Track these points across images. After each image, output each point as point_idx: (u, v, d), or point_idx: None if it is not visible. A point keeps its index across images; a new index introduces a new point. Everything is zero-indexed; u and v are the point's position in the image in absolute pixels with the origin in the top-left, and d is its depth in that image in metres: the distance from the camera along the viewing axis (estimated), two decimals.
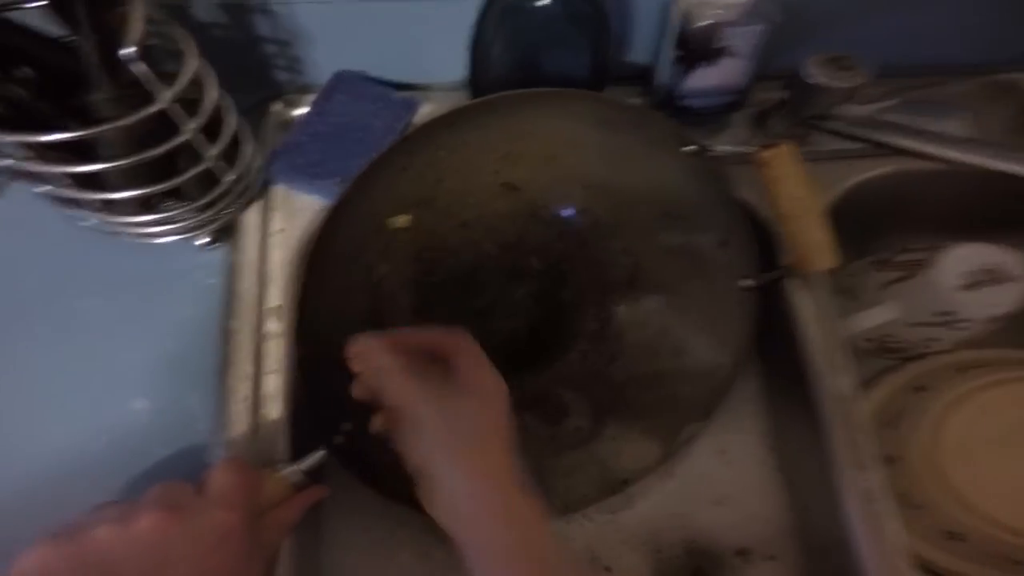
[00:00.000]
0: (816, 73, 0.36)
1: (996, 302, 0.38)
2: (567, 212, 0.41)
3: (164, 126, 0.31)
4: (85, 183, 0.32)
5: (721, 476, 0.44)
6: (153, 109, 0.29)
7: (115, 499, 0.32)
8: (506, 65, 0.40)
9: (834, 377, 0.38)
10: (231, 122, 0.35)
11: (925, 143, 0.36)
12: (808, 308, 0.40)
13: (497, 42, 0.39)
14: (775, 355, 0.44)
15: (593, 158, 0.38)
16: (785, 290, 0.40)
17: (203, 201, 0.35)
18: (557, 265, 0.41)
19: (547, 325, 0.41)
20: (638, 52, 0.44)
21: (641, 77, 0.45)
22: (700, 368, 0.41)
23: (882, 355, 0.47)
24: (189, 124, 0.31)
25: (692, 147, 0.37)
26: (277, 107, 0.45)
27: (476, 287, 0.40)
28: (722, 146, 0.37)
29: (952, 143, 0.35)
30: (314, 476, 0.32)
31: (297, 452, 0.33)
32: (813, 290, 0.40)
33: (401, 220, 0.37)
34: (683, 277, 0.41)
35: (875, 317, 0.42)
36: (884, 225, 0.47)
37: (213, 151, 0.33)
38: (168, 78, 0.30)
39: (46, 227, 0.39)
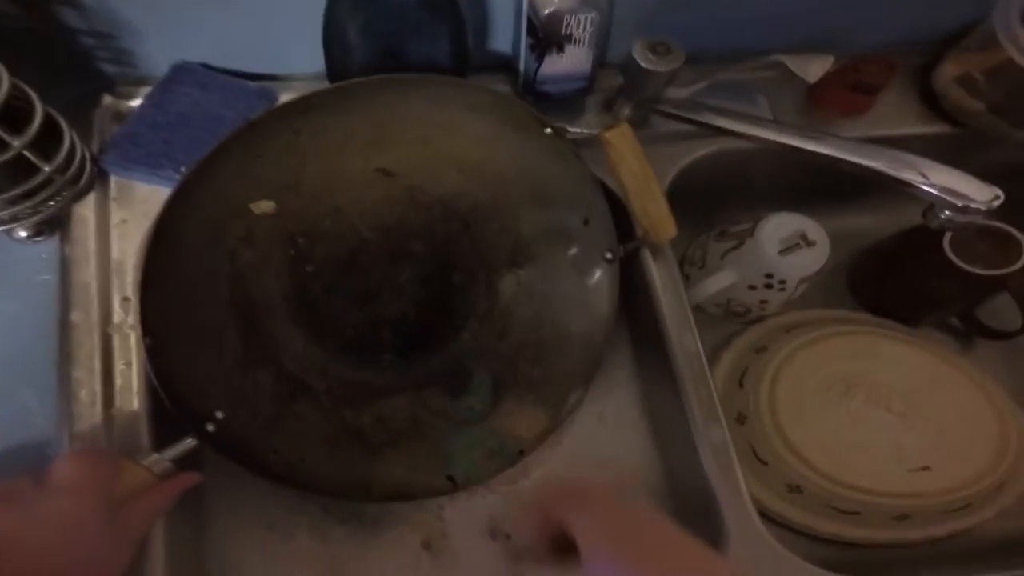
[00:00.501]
0: (641, 57, 0.40)
1: (805, 263, 0.44)
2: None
3: None
4: None
5: (602, 440, 0.47)
6: None
7: None
8: (366, 54, 0.40)
9: (681, 337, 0.41)
10: (39, 111, 0.33)
11: (735, 123, 0.40)
12: (659, 276, 0.43)
13: (352, 30, 0.39)
14: (639, 323, 0.48)
15: (465, 142, 0.39)
16: (640, 261, 0.44)
17: (15, 192, 0.33)
18: (442, 247, 0.42)
19: (437, 307, 0.42)
20: (501, 41, 0.46)
21: (507, 65, 0.47)
22: (577, 338, 0.43)
23: (730, 319, 0.52)
24: None
25: (550, 129, 0.39)
26: (107, 100, 0.42)
27: (358, 272, 0.40)
28: (574, 128, 0.39)
29: (756, 122, 0.40)
30: (191, 463, 0.32)
31: (163, 443, 0.32)
32: (662, 260, 0.44)
33: (263, 205, 0.36)
34: (555, 253, 0.43)
35: (717, 283, 0.47)
36: (722, 200, 0.52)
37: (19, 140, 0.31)
38: None
39: None
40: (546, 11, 0.39)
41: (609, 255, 0.42)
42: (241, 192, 0.35)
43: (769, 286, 0.46)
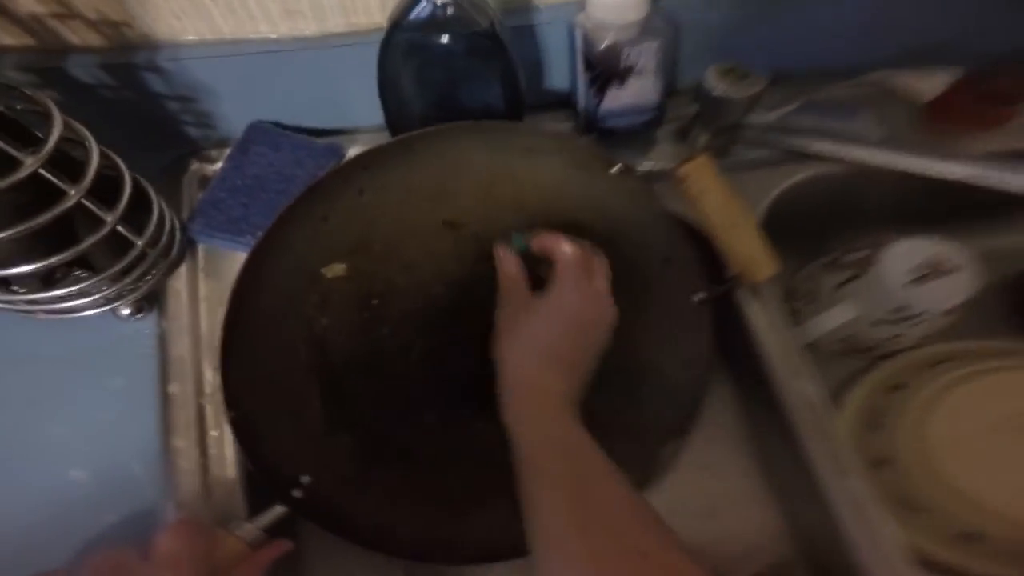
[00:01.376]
0: (715, 85, 0.37)
1: (946, 294, 0.39)
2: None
3: (44, 196, 0.30)
4: None
5: (709, 490, 0.45)
6: (18, 176, 0.28)
7: (59, 567, 0.32)
8: (421, 104, 0.41)
9: (797, 384, 0.37)
10: (128, 182, 0.34)
11: (831, 145, 0.37)
12: (760, 317, 0.39)
13: (405, 83, 0.40)
14: (740, 366, 0.44)
15: (527, 188, 0.38)
16: (736, 302, 0.40)
17: (115, 269, 0.35)
18: None
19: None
20: (558, 77, 0.45)
21: (566, 101, 0.46)
22: (669, 386, 0.41)
23: (853, 355, 0.47)
24: (72, 189, 0.30)
25: (617, 167, 0.37)
26: (194, 164, 0.45)
27: (432, 328, 0.39)
28: (644, 163, 0.37)
29: (866, 145, 0.36)
30: (284, 529, 0.32)
31: (258, 508, 0.33)
32: (762, 299, 0.40)
33: (336, 269, 0.37)
34: (635, 297, 0.41)
35: (833, 319, 0.42)
36: (826, 226, 0.47)
37: (111, 215, 0.33)
38: (37, 143, 0.29)
39: None
40: (602, 45, 0.37)
41: (698, 297, 0.39)
42: (312, 257, 0.36)
43: (902, 320, 0.41)
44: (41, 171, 0.29)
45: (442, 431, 0.39)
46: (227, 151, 0.43)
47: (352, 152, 0.44)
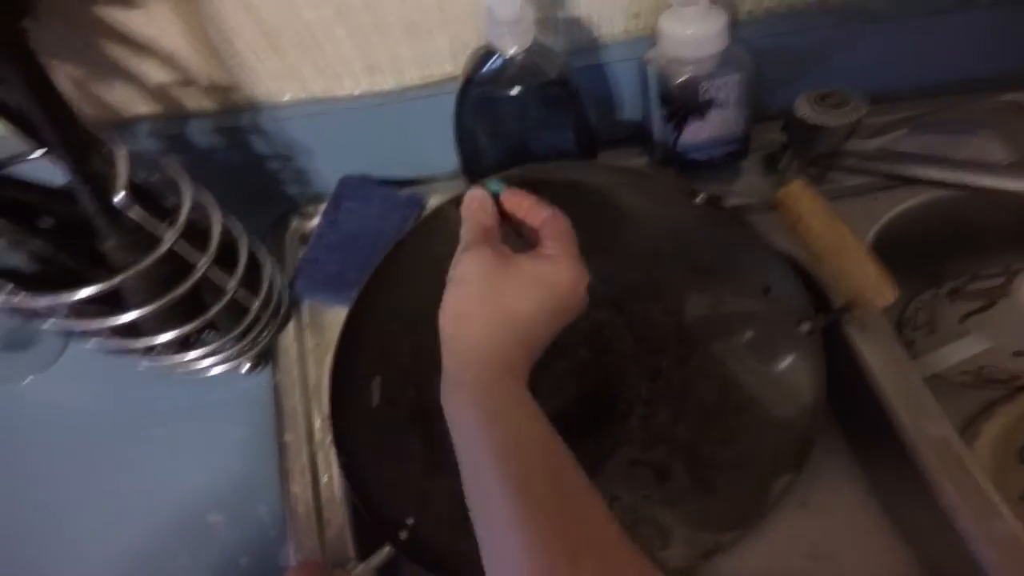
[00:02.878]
0: (808, 113, 0.36)
1: None
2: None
3: (179, 266, 0.32)
4: (124, 332, 0.35)
5: (811, 528, 0.43)
6: (160, 251, 0.30)
7: None
8: (495, 149, 0.42)
9: (923, 423, 0.35)
10: (244, 247, 0.37)
11: (949, 172, 0.34)
12: (873, 351, 0.38)
13: (479, 131, 0.41)
14: (847, 401, 0.42)
15: (608, 224, 0.39)
16: (844, 334, 0.39)
17: (237, 331, 0.39)
18: (596, 334, 0.41)
19: (596, 396, 0.42)
20: (631, 112, 0.45)
21: (639, 137, 0.46)
22: (776, 419, 0.40)
23: (984, 386, 0.44)
24: (201, 259, 0.33)
25: (701, 197, 0.37)
26: (295, 222, 0.49)
27: None
28: (731, 197, 0.36)
29: (976, 169, 0.33)
30: (388, 570, 0.35)
31: (367, 550, 0.36)
32: (875, 331, 0.38)
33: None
34: (732, 328, 0.40)
35: (963, 350, 0.40)
36: (940, 253, 0.44)
37: (232, 281, 0.35)
38: (172, 213, 0.31)
39: (109, 373, 0.45)
40: (678, 80, 0.37)
41: (806, 326, 0.38)
42: (404, 307, 0.38)
43: None
44: (176, 244, 0.31)
45: None
46: (322, 206, 0.47)
47: (432, 201, 0.47)
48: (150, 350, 0.38)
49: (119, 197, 0.28)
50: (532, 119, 0.40)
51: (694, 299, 0.40)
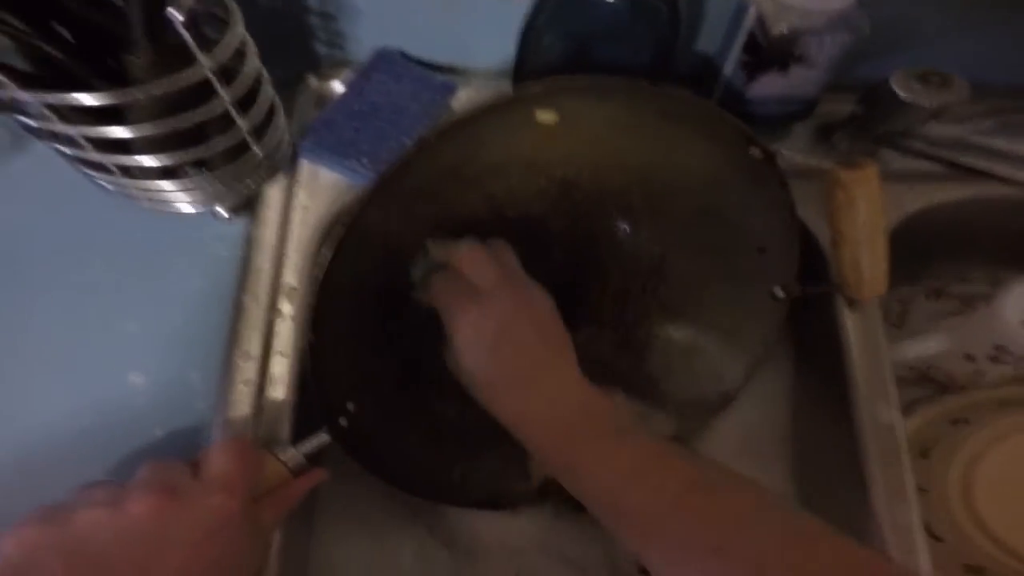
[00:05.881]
0: (903, 89, 0.35)
1: None
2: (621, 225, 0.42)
3: (195, 95, 0.31)
4: (108, 146, 0.33)
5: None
6: (195, 77, 0.29)
7: (104, 478, 0.33)
8: (559, 52, 0.40)
9: (877, 406, 0.38)
10: (267, 94, 0.35)
11: (1009, 168, 0.34)
12: (856, 333, 0.40)
13: (550, 31, 0.39)
14: (811, 380, 0.45)
15: (640, 144, 0.38)
16: (833, 311, 0.41)
17: (230, 173, 0.36)
18: (581, 245, 0.42)
19: (562, 304, 0.41)
20: (698, 51, 0.44)
21: (697, 76, 0.44)
22: (708, 370, 0.43)
23: (922, 384, 0.47)
24: (225, 94, 0.32)
25: (758, 151, 0.36)
26: (314, 82, 0.46)
27: None
28: (794, 155, 0.35)
29: None
30: (313, 463, 0.33)
31: (297, 436, 0.34)
32: (863, 315, 0.40)
33: (547, 116, 0.36)
34: (709, 275, 0.42)
35: (925, 348, 0.43)
36: (939, 253, 0.47)
37: (247, 123, 0.34)
38: (207, 44, 0.30)
39: (58, 185, 0.39)
40: (778, 30, 0.35)
41: (779, 291, 0.39)
42: (413, 183, 0.35)
43: (996, 359, 0.42)
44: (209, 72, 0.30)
45: None
46: (344, 72, 0.44)
47: (463, 93, 0.45)
48: (126, 170, 0.35)
49: (176, 13, 0.27)
50: (619, 30, 0.38)
51: (687, 237, 0.41)
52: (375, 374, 0.37)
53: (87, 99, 0.29)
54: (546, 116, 0.36)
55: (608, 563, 0.44)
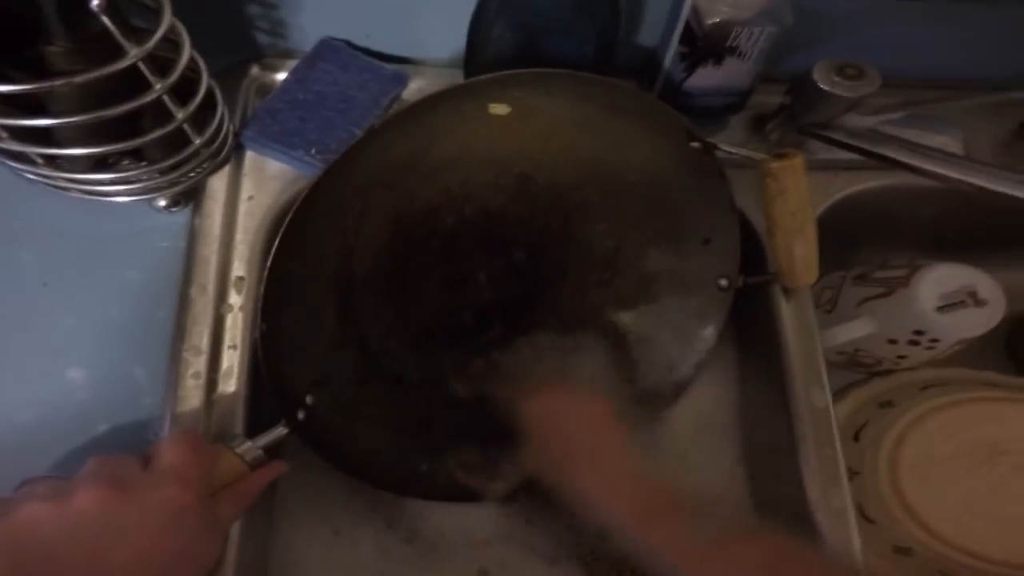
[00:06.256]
0: (824, 79, 0.38)
1: (968, 325, 0.42)
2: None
3: (125, 84, 0.30)
4: (30, 137, 0.32)
5: (686, 483, 0.46)
6: (121, 65, 0.28)
7: (47, 474, 0.32)
8: (508, 43, 0.41)
9: (810, 391, 0.40)
10: (204, 82, 0.34)
11: (928, 160, 0.37)
12: (790, 319, 0.42)
13: (499, 22, 0.40)
14: (754, 367, 0.47)
15: (592, 139, 0.39)
16: (770, 301, 0.43)
17: (167, 163, 0.35)
18: (537, 239, 0.42)
19: (520, 300, 0.43)
20: (640, 45, 0.45)
21: (639, 70, 0.46)
22: (664, 360, 0.44)
23: (851, 368, 0.50)
24: (158, 83, 0.31)
25: (699, 143, 0.38)
26: (255, 71, 0.45)
27: (453, 255, 0.41)
28: (730, 147, 0.37)
29: (957, 162, 0.37)
30: (272, 456, 0.33)
31: (254, 430, 0.33)
32: (796, 303, 0.42)
33: (500, 109, 0.37)
34: (659, 267, 0.43)
35: (851, 331, 0.45)
36: (865, 238, 0.50)
37: (182, 113, 0.33)
38: (136, 33, 0.29)
39: None
40: (711, 20, 0.37)
41: (724, 282, 0.42)
42: (366, 172, 0.36)
43: (915, 343, 0.44)
44: (139, 63, 0.29)
45: (436, 363, 0.42)
46: (290, 63, 0.44)
47: (415, 84, 0.45)
48: (51, 160, 0.34)
49: (96, 2, 0.26)
50: (563, 20, 0.39)
51: (638, 230, 0.43)
52: (333, 366, 0.37)
53: (2, 88, 0.27)
54: (498, 108, 0.37)
55: (580, 554, 0.44)
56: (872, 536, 0.42)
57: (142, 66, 0.30)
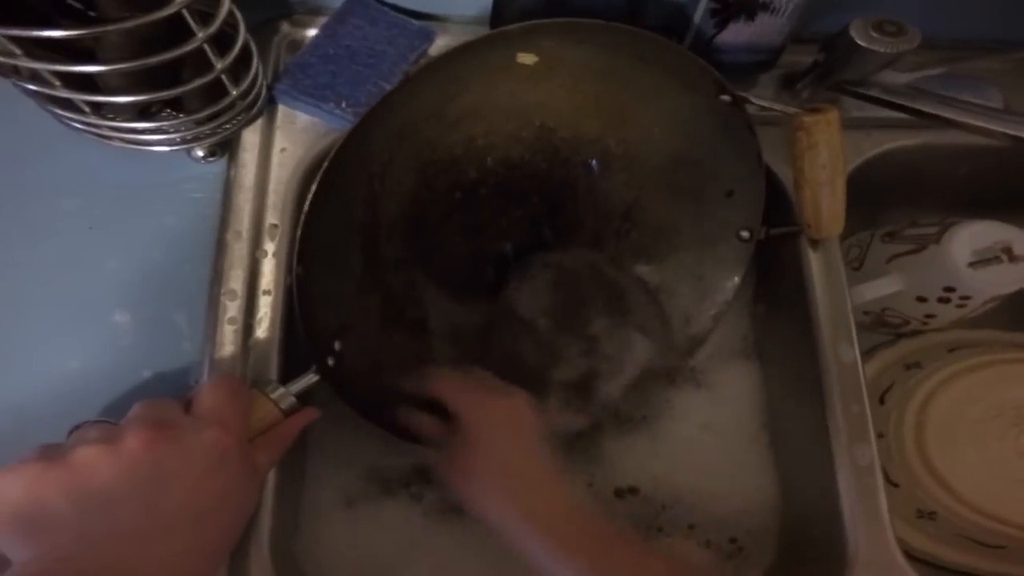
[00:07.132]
0: (861, 35, 0.37)
1: (1001, 281, 0.41)
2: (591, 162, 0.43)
3: (169, 33, 0.31)
4: (78, 84, 0.33)
5: (707, 450, 0.46)
6: (169, 11, 0.29)
7: (96, 418, 0.34)
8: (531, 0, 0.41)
9: (837, 346, 0.40)
10: (241, 34, 0.35)
11: (969, 115, 0.36)
12: (819, 274, 0.42)
13: None
14: (781, 331, 0.46)
15: (618, 90, 0.40)
16: (796, 253, 0.42)
17: (205, 113, 0.37)
18: (557, 190, 0.43)
19: (539, 247, 0.44)
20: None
21: (667, 26, 0.45)
22: (678, 313, 0.45)
23: (878, 328, 0.49)
24: (200, 32, 0.32)
25: (729, 97, 0.38)
26: (286, 26, 0.46)
27: (474, 205, 0.42)
28: (763, 101, 0.37)
29: (999, 115, 0.36)
30: (303, 403, 0.33)
31: (286, 376, 0.34)
32: (825, 256, 0.42)
33: (527, 57, 0.37)
34: (680, 219, 0.44)
35: (879, 289, 0.44)
36: (896, 197, 0.49)
37: (222, 63, 0.34)
38: None
39: (29, 123, 0.39)
40: None
41: (745, 234, 0.42)
42: (396, 120, 0.37)
43: (946, 300, 0.43)
44: (183, 10, 0.30)
45: (457, 312, 0.42)
46: (319, 19, 0.44)
47: (441, 40, 0.45)
48: (97, 109, 0.35)
49: None
50: None
51: (657, 182, 0.43)
52: (359, 312, 0.38)
53: (56, 33, 0.28)
54: (526, 58, 0.37)
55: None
56: (896, 500, 0.42)
57: (186, 13, 0.31)
